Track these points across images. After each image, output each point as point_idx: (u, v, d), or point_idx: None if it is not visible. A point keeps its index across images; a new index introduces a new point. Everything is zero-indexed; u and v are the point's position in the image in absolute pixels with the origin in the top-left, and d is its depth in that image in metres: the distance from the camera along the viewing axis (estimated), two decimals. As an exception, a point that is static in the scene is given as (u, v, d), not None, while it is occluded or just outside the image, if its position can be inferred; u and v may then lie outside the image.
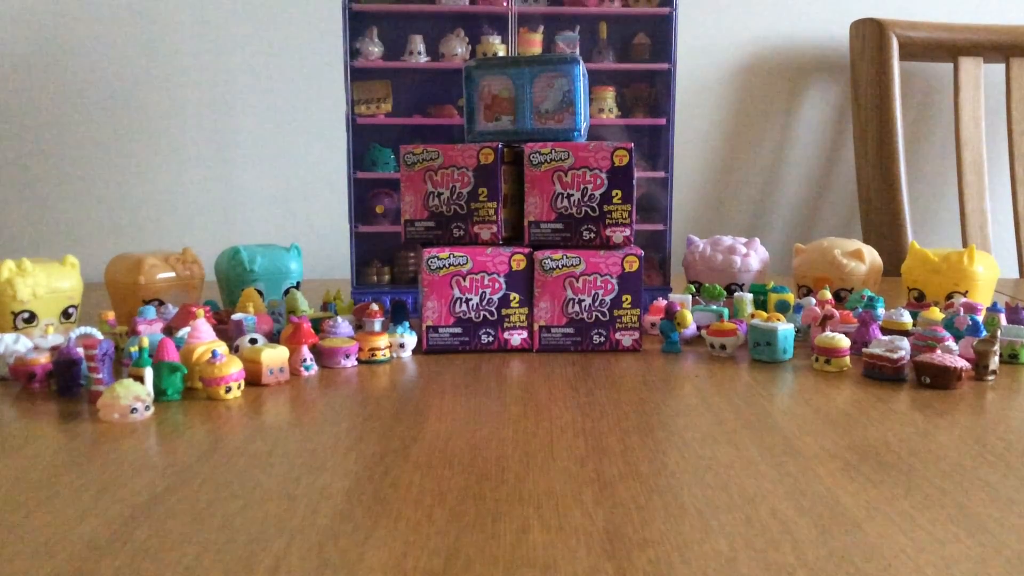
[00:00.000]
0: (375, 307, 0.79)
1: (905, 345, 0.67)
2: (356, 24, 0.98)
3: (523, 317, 0.76)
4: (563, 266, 0.74)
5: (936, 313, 0.77)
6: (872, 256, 0.96)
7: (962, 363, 0.63)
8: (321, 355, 0.71)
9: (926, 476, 0.44)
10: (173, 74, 1.39)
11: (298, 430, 0.53)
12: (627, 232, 0.76)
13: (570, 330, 0.75)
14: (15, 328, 0.77)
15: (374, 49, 0.99)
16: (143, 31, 1.37)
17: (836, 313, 0.76)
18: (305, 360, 0.68)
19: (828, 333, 0.70)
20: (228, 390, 0.61)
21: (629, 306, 0.75)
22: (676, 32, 0.98)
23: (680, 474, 0.45)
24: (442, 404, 0.59)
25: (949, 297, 0.89)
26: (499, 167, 0.76)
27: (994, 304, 0.81)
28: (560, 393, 0.61)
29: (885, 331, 0.76)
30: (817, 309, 0.78)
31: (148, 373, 0.60)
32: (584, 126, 0.80)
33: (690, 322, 0.78)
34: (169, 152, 1.41)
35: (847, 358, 0.68)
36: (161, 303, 0.86)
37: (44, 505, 0.41)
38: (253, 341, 0.69)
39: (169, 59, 1.39)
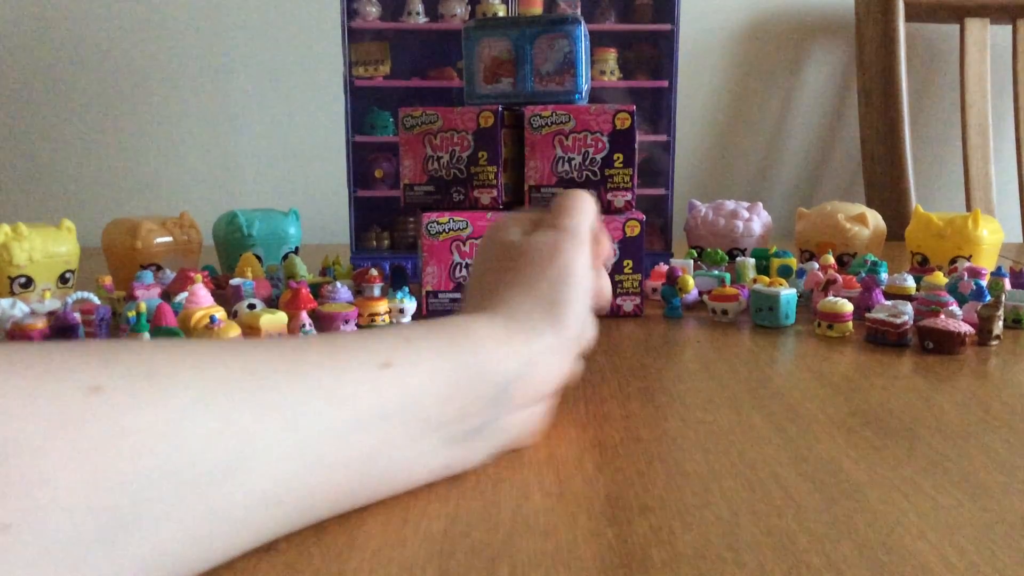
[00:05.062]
0: (374, 272, 0.78)
1: (908, 310, 0.66)
2: (353, -16, 0.96)
3: (523, 282, 0.75)
4: (564, 230, 0.73)
5: (940, 278, 0.77)
6: (876, 220, 0.95)
7: (966, 328, 0.62)
8: (320, 321, 0.70)
9: (929, 441, 0.44)
10: (169, 36, 1.37)
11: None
12: (629, 196, 0.75)
13: (571, 295, 0.74)
14: (12, 293, 0.77)
15: (372, 9, 0.97)
16: (137, -9, 1.35)
17: (839, 278, 0.75)
18: (304, 325, 0.68)
19: (831, 298, 0.69)
20: (227, 355, 0.60)
21: (630, 271, 0.74)
22: (679, -8, 0.96)
23: (681, 440, 0.45)
24: (442, 369, 0.58)
25: (953, 262, 0.88)
26: (499, 130, 0.75)
27: (998, 268, 0.80)
28: (561, 358, 0.61)
29: (888, 296, 0.75)
30: (820, 274, 0.77)
31: (146, 338, 0.59)
32: (585, 88, 0.79)
33: (692, 287, 0.78)
34: (166, 115, 1.39)
35: (850, 323, 0.68)
36: (159, 268, 0.85)
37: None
38: (251, 306, 0.68)
39: (165, 22, 1.37)
